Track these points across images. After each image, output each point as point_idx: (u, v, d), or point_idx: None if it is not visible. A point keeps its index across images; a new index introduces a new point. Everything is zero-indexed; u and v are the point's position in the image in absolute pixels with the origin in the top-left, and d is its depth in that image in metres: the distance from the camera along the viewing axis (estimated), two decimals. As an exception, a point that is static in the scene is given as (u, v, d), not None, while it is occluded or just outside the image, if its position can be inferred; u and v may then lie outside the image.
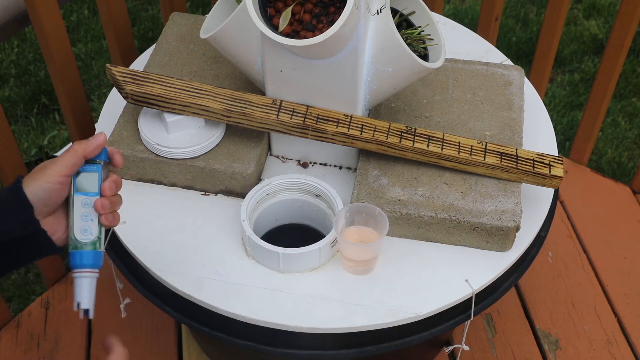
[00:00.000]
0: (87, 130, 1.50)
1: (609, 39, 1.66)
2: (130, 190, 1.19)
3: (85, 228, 0.86)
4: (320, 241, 1.07)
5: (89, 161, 0.87)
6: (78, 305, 0.85)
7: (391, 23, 1.04)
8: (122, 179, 1.19)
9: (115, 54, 1.52)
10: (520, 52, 2.39)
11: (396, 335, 1.08)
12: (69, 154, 0.85)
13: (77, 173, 0.86)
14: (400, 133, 1.12)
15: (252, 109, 1.13)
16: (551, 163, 1.12)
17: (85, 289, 0.85)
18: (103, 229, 0.87)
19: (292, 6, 1.02)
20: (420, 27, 1.13)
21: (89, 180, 0.87)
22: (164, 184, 1.20)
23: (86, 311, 0.85)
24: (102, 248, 0.87)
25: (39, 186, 0.83)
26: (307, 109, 1.13)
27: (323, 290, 1.07)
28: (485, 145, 1.13)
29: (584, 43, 2.40)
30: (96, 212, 0.86)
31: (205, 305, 1.06)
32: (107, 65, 1.15)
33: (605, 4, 2.53)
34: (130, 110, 1.22)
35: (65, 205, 0.87)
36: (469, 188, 1.12)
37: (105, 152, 0.88)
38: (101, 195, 0.87)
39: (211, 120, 1.17)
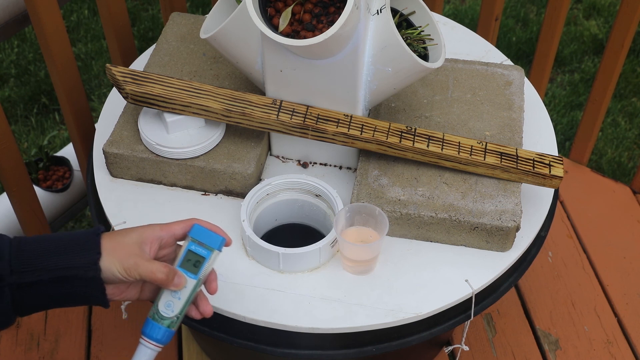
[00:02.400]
0: (87, 131, 1.50)
1: (609, 39, 1.66)
2: (130, 190, 1.19)
3: (169, 303, 0.87)
4: (320, 241, 1.07)
5: (202, 245, 0.88)
6: None
7: (391, 23, 1.04)
8: (122, 179, 1.20)
9: (115, 54, 1.52)
10: (520, 52, 2.39)
11: (396, 335, 1.08)
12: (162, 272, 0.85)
13: (187, 249, 0.88)
14: (400, 133, 1.12)
15: (252, 109, 1.13)
16: (551, 163, 1.12)
17: (142, 358, 0.87)
18: (184, 311, 0.88)
19: (292, 6, 1.02)
20: (420, 27, 1.13)
21: (194, 261, 0.88)
22: (164, 184, 1.20)
23: None
24: (175, 328, 0.88)
25: (121, 266, 0.84)
26: (307, 109, 1.13)
27: (323, 290, 1.07)
28: (485, 145, 1.13)
29: (584, 43, 2.40)
30: (187, 294, 0.87)
31: (205, 305, 1.06)
32: (107, 65, 1.15)
33: (605, 4, 2.53)
34: (130, 110, 1.22)
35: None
36: (469, 188, 1.12)
37: (221, 243, 0.89)
38: (199, 281, 0.88)
39: (211, 120, 1.17)
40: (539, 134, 1.27)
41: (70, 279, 0.82)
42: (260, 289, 1.07)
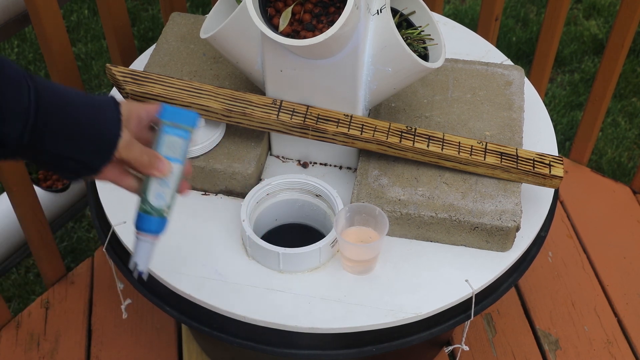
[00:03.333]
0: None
1: (609, 39, 1.66)
2: (130, 190, 1.19)
3: (159, 194, 0.83)
4: (320, 241, 1.07)
5: (178, 126, 0.83)
6: (135, 265, 0.84)
7: (391, 23, 1.04)
8: (122, 179, 1.19)
9: (115, 54, 1.52)
10: (520, 52, 2.39)
11: (396, 335, 1.08)
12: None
13: (164, 134, 0.82)
14: (400, 133, 1.12)
15: (253, 109, 1.13)
16: (551, 163, 1.12)
17: (144, 252, 0.85)
18: (175, 198, 0.85)
19: (292, 6, 1.02)
20: (420, 27, 1.13)
21: (175, 145, 0.83)
22: (164, 184, 1.19)
23: (141, 272, 0.84)
24: (169, 216, 0.85)
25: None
26: (307, 108, 1.13)
27: (323, 290, 1.07)
28: (486, 145, 1.13)
29: (584, 43, 2.41)
30: (176, 180, 0.83)
31: (205, 305, 1.06)
32: (107, 65, 1.15)
33: (605, 4, 2.53)
34: (130, 110, 1.22)
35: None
36: (469, 188, 1.12)
37: (196, 119, 0.83)
38: (183, 165, 0.84)
39: (211, 120, 1.17)
40: (539, 134, 1.27)
41: (78, 164, 0.78)
42: (260, 289, 1.07)
